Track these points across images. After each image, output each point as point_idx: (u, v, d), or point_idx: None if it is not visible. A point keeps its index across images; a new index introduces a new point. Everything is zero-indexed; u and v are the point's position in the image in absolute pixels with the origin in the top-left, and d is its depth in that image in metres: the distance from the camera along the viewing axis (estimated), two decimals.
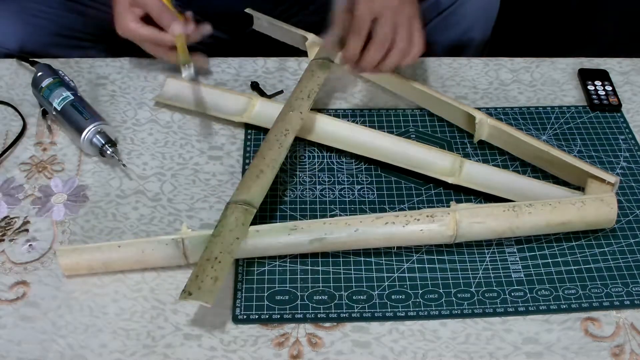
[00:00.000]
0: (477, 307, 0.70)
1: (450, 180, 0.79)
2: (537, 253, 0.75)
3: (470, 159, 0.84)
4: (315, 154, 0.85)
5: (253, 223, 0.71)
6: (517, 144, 0.83)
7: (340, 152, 0.85)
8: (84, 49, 1.03)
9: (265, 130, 0.84)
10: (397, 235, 0.71)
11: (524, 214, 0.71)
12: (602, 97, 0.93)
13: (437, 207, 0.78)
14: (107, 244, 0.70)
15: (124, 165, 0.81)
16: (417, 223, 0.70)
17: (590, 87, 0.94)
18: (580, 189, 0.79)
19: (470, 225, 0.71)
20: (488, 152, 0.86)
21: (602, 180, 0.77)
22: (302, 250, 0.72)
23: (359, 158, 0.84)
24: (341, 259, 0.74)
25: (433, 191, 0.81)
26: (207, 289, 0.65)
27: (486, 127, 0.84)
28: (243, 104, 0.88)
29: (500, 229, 0.71)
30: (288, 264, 0.73)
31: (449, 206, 0.72)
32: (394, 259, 0.74)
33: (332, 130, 0.85)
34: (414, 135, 0.88)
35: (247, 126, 0.88)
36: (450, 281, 0.72)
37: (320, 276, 0.72)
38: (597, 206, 0.73)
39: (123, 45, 1.01)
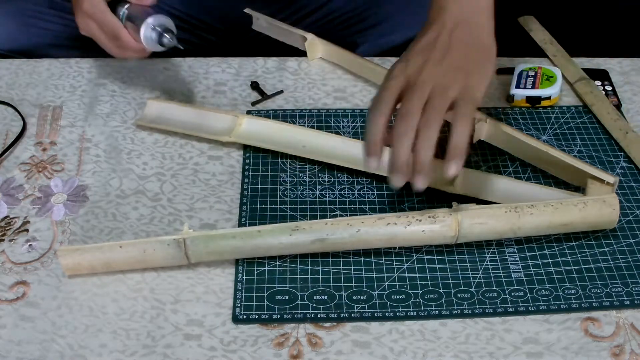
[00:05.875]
0: (477, 307, 0.70)
1: (448, 190, 0.78)
2: (537, 253, 0.75)
3: (470, 159, 0.84)
4: None
5: (254, 224, 0.71)
6: (517, 144, 0.83)
7: None
8: (85, 50, 1.02)
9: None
10: (399, 236, 0.71)
11: (526, 214, 0.71)
12: None
13: (438, 206, 0.78)
14: (108, 244, 0.70)
15: (181, 48, 0.78)
16: (419, 224, 0.70)
17: None
18: (580, 189, 0.79)
19: (472, 226, 0.71)
20: (488, 152, 0.86)
21: (602, 181, 0.77)
22: (303, 251, 0.72)
23: None
24: (341, 259, 0.74)
25: (434, 190, 0.80)
26: None
27: (485, 127, 0.84)
28: (229, 123, 0.86)
29: (502, 229, 0.71)
30: (288, 264, 0.73)
31: (450, 206, 0.72)
32: (394, 259, 0.74)
33: (322, 144, 0.83)
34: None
35: None
36: (450, 281, 0.72)
37: (320, 276, 0.72)
38: (599, 207, 0.73)
39: None
